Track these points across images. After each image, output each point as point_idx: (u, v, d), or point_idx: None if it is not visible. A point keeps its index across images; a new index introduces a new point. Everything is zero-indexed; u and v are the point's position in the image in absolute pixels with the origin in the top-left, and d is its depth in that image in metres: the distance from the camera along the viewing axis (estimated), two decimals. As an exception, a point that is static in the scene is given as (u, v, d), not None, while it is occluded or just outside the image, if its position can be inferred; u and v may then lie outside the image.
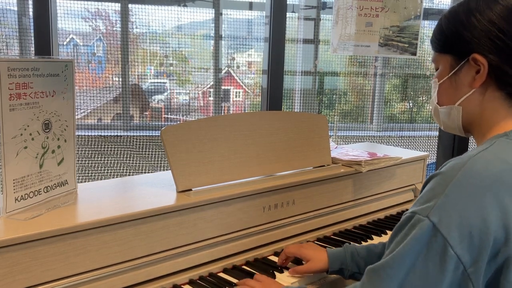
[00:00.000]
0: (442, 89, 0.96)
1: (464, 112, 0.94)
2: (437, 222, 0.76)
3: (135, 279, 1.14)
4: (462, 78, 0.92)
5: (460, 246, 0.74)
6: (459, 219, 0.75)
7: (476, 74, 0.89)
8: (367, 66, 3.44)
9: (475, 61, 0.88)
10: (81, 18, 2.92)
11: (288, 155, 1.52)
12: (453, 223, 0.75)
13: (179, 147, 1.27)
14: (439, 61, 0.97)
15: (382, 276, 0.80)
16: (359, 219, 1.72)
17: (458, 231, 0.75)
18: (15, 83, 1.03)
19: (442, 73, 0.96)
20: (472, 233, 0.74)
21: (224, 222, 1.31)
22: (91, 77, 3.09)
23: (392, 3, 2.80)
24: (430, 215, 0.77)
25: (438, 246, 0.76)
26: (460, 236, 0.75)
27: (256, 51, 3.31)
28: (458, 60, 0.92)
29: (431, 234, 0.76)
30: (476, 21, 0.88)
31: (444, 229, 0.75)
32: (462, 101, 0.93)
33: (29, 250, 0.97)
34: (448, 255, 0.75)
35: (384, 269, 0.81)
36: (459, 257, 0.74)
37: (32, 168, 1.10)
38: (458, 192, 0.77)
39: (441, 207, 0.77)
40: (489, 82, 0.89)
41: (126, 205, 1.16)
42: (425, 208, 0.78)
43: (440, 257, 0.75)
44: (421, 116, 3.73)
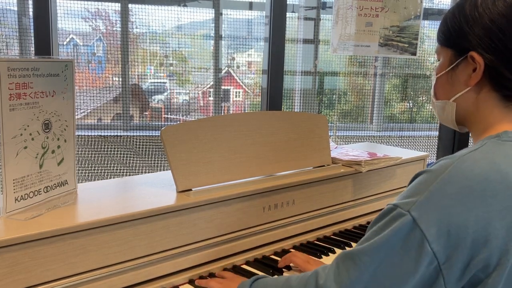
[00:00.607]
0: (439, 83, 0.97)
1: (458, 109, 0.94)
2: (417, 217, 0.76)
3: (135, 279, 1.14)
4: (458, 75, 0.92)
5: (437, 242, 0.75)
6: (439, 216, 0.76)
7: (472, 72, 0.88)
8: (367, 66, 3.44)
9: (473, 59, 0.88)
10: (81, 18, 2.92)
11: (288, 155, 1.52)
12: (432, 220, 0.76)
13: (179, 147, 1.27)
14: (440, 53, 0.97)
15: (356, 262, 0.81)
16: (359, 219, 1.72)
17: (437, 227, 0.75)
18: (15, 83, 1.03)
19: (441, 67, 0.96)
20: (450, 231, 0.75)
21: (224, 222, 1.31)
22: (91, 77, 3.09)
23: (392, 3, 2.80)
24: (411, 210, 0.77)
25: (415, 241, 0.76)
26: (438, 232, 0.75)
27: (256, 51, 3.31)
28: (457, 56, 0.91)
29: (410, 228, 0.77)
30: (478, 16, 0.86)
31: (423, 225, 0.76)
32: (456, 98, 0.93)
33: (29, 250, 0.97)
34: (425, 250, 0.75)
35: (359, 256, 0.81)
36: (435, 253, 0.75)
37: (32, 168, 1.10)
38: (442, 190, 0.77)
39: (423, 203, 0.77)
40: (484, 81, 0.88)
41: (126, 205, 1.16)
42: (408, 203, 0.79)
43: (416, 251, 0.76)
44: (421, 116, 3.73)
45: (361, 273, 0.80)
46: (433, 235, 0.75)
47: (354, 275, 0.81)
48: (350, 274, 0.81)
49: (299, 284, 0.91)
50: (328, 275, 0.85)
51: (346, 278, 0.81)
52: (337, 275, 0.83)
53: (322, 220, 1.59)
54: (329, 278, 0.85)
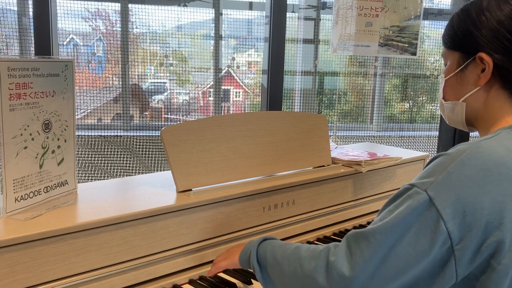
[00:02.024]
0: (448, 85, 0.99)
1: (468, 108, 0.96)
2: (433, 196, 0.78)
3: (135, 279, 1.14)
4: (468, 76, 0.94)
5: (452, 222, 0.76)
6: (455, 197, 0.77)
7: (481, 73, 0.91)
8: (367, 66, 3.44)
9: (481, 60, 0.90)
10: (81, 18, 2.92)
11: (288, 155, 1.52)
12: (449, 200, 0.77)
13: (179, 147, 1.27)
14: (447, 57, 0.99)
15: (371, 241, 0.80)
16: (359, 219, 1.72)
17: (453, 208, 0.76)
18: (15, 83, 1.03)
19: (449, 69, 0.98)
20: (466, 211, 0.76)
21: (224, 222, 1.31)
22: (91, 77, 3.09)
23: (392, 3, 2.80)
24: (428, 190, 0.79)
25: (431, 220, 0.77)
26: (454, 212, 0.76)
27: (256, 51, 3.31)
28: (465, 58, 0.94)
29: (426, 207, 0.78)
30: (485, 20, 0.89)
31: (440, 204, 0.77)
32: (466, 98, 0.95)
33: (29, 250, 0.97)
34: (440, 229, 0.76)
35: (374, 234, 0.81)
36: (450, 233, 0.76)
37: (32, 168, 1.10)
38: (459, 172, 0.78)
39: (440, 183, 0.78)
40: (494, 80, 0.91)
41: (126, 205, 1.16)
42: (425, 183, 0.80)
43: (431, 230, 0.77)
44: (421, 116, 3.73)
45: (375, 252, 0.80)
46: (449, 214, 0.76)
47: (367, 254, 0.80)
48: (363, 253, 0.81)
49: (309, 256, 0.90)
50: (339, 253, 0.84)
51: (359, 257, 0.81)
52: (349, 255, 0.83)
53: (322, 220, 1.59)
54: (340, 256, 0.84)
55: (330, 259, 0.85)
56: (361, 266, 0.80)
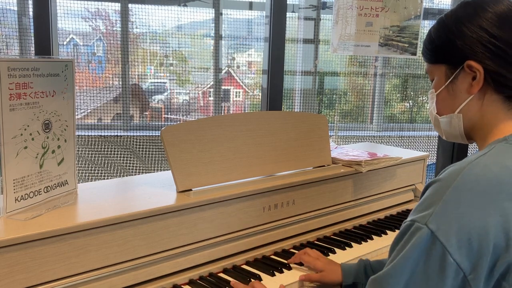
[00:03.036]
0: (440, 99, 0.97)
1: (465, 119, 0.94)
2: (435, 229, 0.76)
3: (135, 279, 1.14)
4: (459, 86, 0.92)
5: (459, 252, 0.74)
6: (457, 226, 0.75)
7: (472, 81, 0.89)
8: (367, 66, 3.44)
9: (470, 68, 0.89)
10: (81, 18, 2.92)
11: (288, 155, 1.52)
12: (451, 230, 0.75)
13: (179, 147, 1.27)
14: (433, 72, 0.97)
15: (383, 286, 0.80)
16: (359, 219, 1.72)
17: (457, 237, 0.75)
18: (15, 83, 1.03)
19: (438, 83, 0.96)
20: (471, 239, 0.74)
21: (224, 222, 1.31)
22: (91, 77, 3.09)
23: (392, 3, 2.80)
24: (428, 223, 0.77)
25: (437, 254, 0.75)
26: (459, 242, 0.74)
27: (256, 51, 3.31)
28: (453, 69, 0.92)
29: (430, 241, 0.76)
30: (466, 29, 0.89)
31: (443, 236, 0.75)
32: (461, 108, 0.93)
33: (29, 250, 0.97)
34: (447, 262, 0.74)
35: (385, 279, 0.80)
36: (458, 264, 0.74)
37: (32, 168, 1.10)
38: (456, 199, 0.77)
39: (439, 214, 0.77)
40: (486, 86, 0.89)
41: (126, 205, 1.16)
42: (424, 216, 0.78)
43: (439, 264, 0.75)
44: (421, 116, 3.72)
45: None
46: (454, 245, 0.74)
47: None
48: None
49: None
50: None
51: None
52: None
53: (322, 220, 1.58)
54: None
55: None
56: None
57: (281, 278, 1.27)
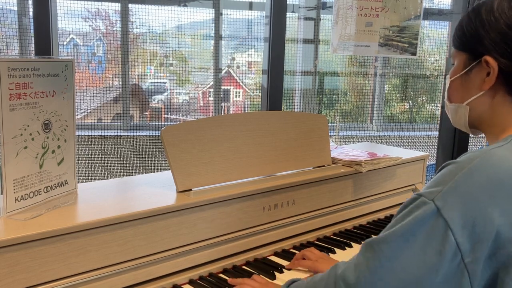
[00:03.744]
0: (453, 87, 0.97)
1: (472, 113, 0.94)
2: (441, 206, 0.75)
3: (135, 279, 1.14)
4: (472, 79, 0.92)
5: (461, 233, 0.73)
6: (464, 208, 0.74)
7: (486, 77, 0.89)
8: (367, 66, 3.44)
9: (487, 64, 0.88)
10: (81, 18, 2.92)
11: (288, 155, 1.52)
12: (457, 210, 0.74)
13: (179, 147, 1.27)
14: (455, 57, 0.97)
15: (376, 251, 0.79)
16: (359, 219, 1.72)
17: (462, 218, 0.74)
18: (15, 83, 1.03)
19: (455, 70, 0.96)
20: (475, 222, 0.73)
21: (224, 222, 1.31)
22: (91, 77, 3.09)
23: (392, 3, 2.80)
24: (435, 199, 0.76)
25: (439, 231, 0.74)
26: (463, 223, 0.73)
27: (256, 51, 3.31)
28: (472, 60, 0.91)
29: (434, 218, 0.75)
30: (494, 21, 0.87)
31: (448, 214, 0.74)
32: (470, 101, 0.93)
33: (29, 250, 0.97)
34: (448, 241, 0.74)
35: (378, 243, 0.80)
36: (459, 244, 0.73)
37: (32, 168, 1.10)
38: (468, 181, 0.76)
39: (448, 193, 0.76)
40: (499, 86, 0.88)
41: (126, 205, 1.16)
42: (432, 192, 0.78)
43: (439, 242, 0.74)
44: (421, 116, 3.73)
45: (379, 262, 0.78)
46: (458, 225, 0.74)
47: (373, 264, 0.79)
48: (369, 263, 0.80)
49: (321, 278, 0.91)
50: (347, 265, 0.85)
51: (365, 267, 0.80)
52: (357, 264, 0.82)
53: (322, 220, 1.58)
54: (348, 267, 0.84)
55: (337, 273, 0.86)
56: (366, 275, 0.79)
57: (281, 278, 1.27)
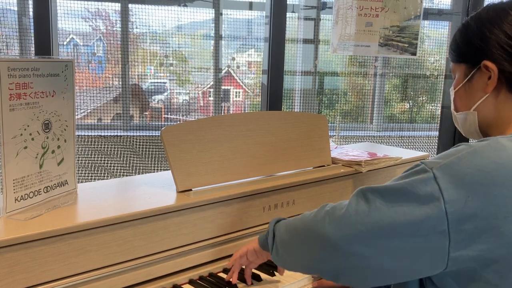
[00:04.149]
0: (458, 96, 1.02)
1: (480, 116, 0.98)
2: (438, 176, 0.78)
3: (135, 279, 1.14)
4: (475, 85, 0.97)
5: (452, 204, 0.76)
6: (461, 182, 0.77)
7: (488, 80, 0.94)
8: (367, 66, 3.44)
9: (486, 68, 0.93)
10: (81, 18, 2.92)
11: (288, 155, 1.52)
12: (453, 183, 0.77)
13: (179, 147, 1.27)
14: (455, 70, 1.03)
15: (367, 198, 0.84)
16: (359, 219, 1.71)
17: (456, 192, 0.77)
18: (15, 83, 1.03)
19: (457, 81, 1.02)
20: (469, 198, 0.76)
21: (224, 222, 1.31)
22: (91, 77, 3.09)
23: (392, 3, 2.80)
24: (434, 168, 0.80)
25: (431, 196, 0.78)
26: (457, 196, 0.76)
27: (256, 51, 3.31)
28: (471, 68, 0.97)
29: (429, 184, 0.79)
30: (486, 30, 0.93)
31: (443, 184, 0.77)
32: (477, 106, 0.97)
33: (29, 250, 0.97)
34: (438, 207, 0.76)
35: (372, 192, 0.84)
36: (448, 214, 0.76)
37: (32, 168, 1.10)
38: (470, 159, 0.79)
39: (448, 166, 0.79)
40: (500, 86, 0.93)
41: (126, 205, 1.16)
42: (434, 162, 0.81)
43: (429, 207, 0.77)
44: (421, 116, 3.73)
45: (368, 208, 0.82)
46: (451, 195, 0.76)
47: (361, 209, 0.83)
48: (358, 207, 0.84)
49: (310, 213, 0.95)
50: (339, 204, 0.89)
51: (353, 209, 0.84)
52: (346, 205, 0.86)
53: (322, 220, 1.58)
54: (339, 206, 0.88)
55: (325, 209, 0.90)
56: (351, 216, 0.83)
57: (281, 277, 1.27)
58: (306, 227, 0.94)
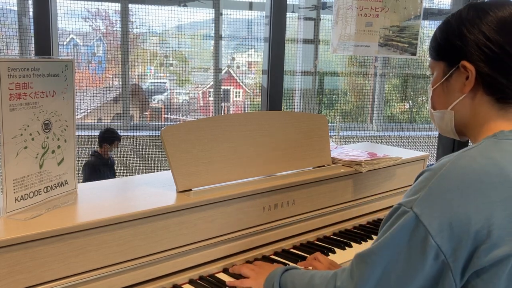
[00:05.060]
0: (436, 94, 1.02)
1: (456, 116, 0.98)
2: (419, 213, 0.80)
3: (135, 279, 1.14)
4: (453, 84, 0.96)
5: (440, 235, 0.78)
6: (440, 210, 0.79)
7: (465, 80, 0.93)
8: (367, 66, 3.44)
9: (465, 68, 0.92)
10: (81, 18, 2.93)
11: (288, 155, 1.52)
12: (434, 214, 0.79)
13: (179, 147, 1.27)
14: (434, 67, 1.02)
15: (367, 262, 0.86)
16: (359, 219, 1.72)
17: (439, 221, 0.79)
18: (15, 83, 1.03)
19: (436, 79, 1.01)
20: (452, 224, 0.78)
21: (224, 222, 1.31)
22: (91, 77, 3.09)
23: (392, 3, 2.80)
24: (413, 207, 0.81)
25: (420, 236, 0.80)
26: (440, 226, 0.78)
27: (256, 51, 3.31)
28: (450, 67, 0.96)
29: (414, 224, 0.81)
30: (466, 30, 0.92)
31: (426, 220, 0.79)
32: (454, 105, 0.97)
33: (29, 250, 0.97)
34: (429, 244, 0.79)
35: (369, 255, 0.86)
36: (439, 246, 0.78)
37: (32, 168, 1.10)
38: (441, 185, 0.81)
39: (423, 200, 0.81)
40: (477, 87, 0.93)
41: (126, 205, 1.16)
42: (410, 200, 0.83)
43: (421, 246, 0.80)
44: (421, 116, 3.73)
45: (372, 272, 0.85)
46: (436, 229, 0.78)
47: (366, 274, 0.86)
48: (362, 273, 0.87)
49: (320, 283, 0.97)
50: (344, 277, 0.92)
51: (359, 278, 0.87)
52: (351, 277, 0.89)
53: (322, 220, 1.58)
54: (345, 279, 0.91)
55: (337, 285, 0.92)
56: (361, 285, 0.86)
57: (281, 278, 1.27)
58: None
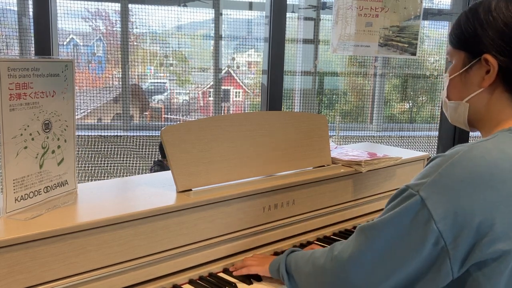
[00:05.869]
0: (452, 85, 0.98)
1: (471, 109, 0.96)
2: (425, 197, 0.80)
3: (135, 279, 1.14)
4: (472, 77, 0.93)
5: (444, 222, 0.78)
6: (446, 198, 0.79)
7: (485, 74, 0.90)
8: (367, 66, 3.44)
9: (486, 62, 0.89)
10: (81, 18, 2.93)
11: (288, 155, 1.52)
12: (440, 201, 0.79)
13: (179, 147, 1.27)
14: (453, 55, 0.98)
15: (367, 235, 0.87)
16: (359, 219, 1.72)
17: (444, 208, 0.78)
18: (15, 83, 1.03)
19: (454, 69, 0.97)
20: (457, 212, 0.77)
21: (224, 222, 1.31)
22: (91, 77, 3.09)
23: (392, 3, 2.80)
24: (420, 190, 0.81)
25: (423, 219, 0.80)
26: (445, 213, 0.78)
27: (256, 51, 3.31)
28: (471, 58, 0.93)
29: (419, 207, 0.81)
30: (493, 20, 0.88)
31: (431, 204, 0.79)
32: (470, 98, 0.95)
33: (29, 250, 0.97)
34: (431, 229, 0.79)
35: (370, 229, 0.87)
36: (441, 232, 0.78)
37: (32, 168, 1.10)
38: (450, 174, 0.80)
39: (431, 185, 0.81)
40: (497, 83, 0.90)
41: (126, 205, 1.16)
42: (418, 184, 0.83)
43: (423, 229, 0.80)
44: (421, 116, 3.73)
45: (370, 245, 0.86)
46: (440, 214, 0.78)
47: (363, 246, 0.87)
48: (360, 245, 0.88)
49: (321, 255, 0.99)
50: (342, 247, 0.93)
51: (357, 249, 0.88)
52: (350, 247, 0.90)
53: (322, 220, 1.59)
54: (343, 249, 0.92)
55: (334, 254, 0.94)
56: (357, 256, 0.88)
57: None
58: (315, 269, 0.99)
